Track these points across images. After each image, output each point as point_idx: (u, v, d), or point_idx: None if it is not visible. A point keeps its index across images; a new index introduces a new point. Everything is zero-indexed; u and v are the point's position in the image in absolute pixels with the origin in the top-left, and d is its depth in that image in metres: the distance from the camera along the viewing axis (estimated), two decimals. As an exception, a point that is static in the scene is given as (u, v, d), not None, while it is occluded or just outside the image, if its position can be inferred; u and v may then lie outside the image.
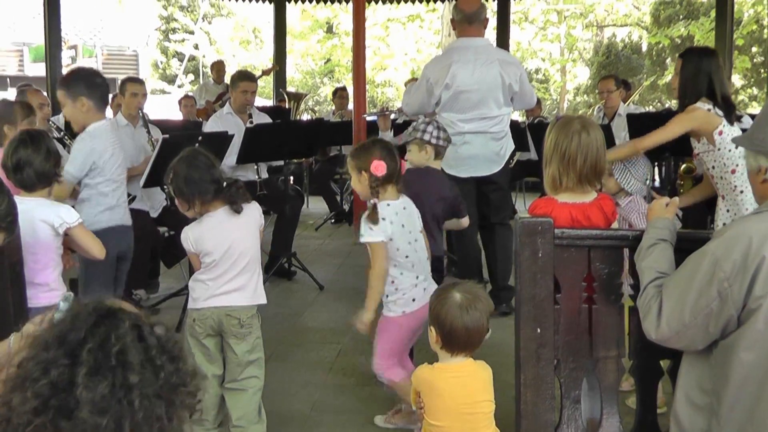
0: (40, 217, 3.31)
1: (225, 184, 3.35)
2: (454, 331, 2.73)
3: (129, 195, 5.50)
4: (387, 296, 3.59)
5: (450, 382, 2.77)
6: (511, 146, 5.77)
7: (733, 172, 4.12)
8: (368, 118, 7.78)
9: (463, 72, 5.38)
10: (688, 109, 4.22)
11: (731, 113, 4.20)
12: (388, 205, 3.52)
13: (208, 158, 3.37)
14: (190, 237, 3.35)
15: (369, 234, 3.47)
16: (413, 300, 3.56)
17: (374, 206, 3.45)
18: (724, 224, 4.15)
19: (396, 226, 3.51)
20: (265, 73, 11.48)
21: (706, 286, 2.22)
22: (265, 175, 6.95)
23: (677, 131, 4.26)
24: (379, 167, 3.46)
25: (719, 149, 4.15)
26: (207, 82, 12.31)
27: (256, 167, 6.65)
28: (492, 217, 5.64)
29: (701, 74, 4.23)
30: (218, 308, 3.34)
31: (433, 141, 4.11)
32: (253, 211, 3.46)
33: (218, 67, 12.03)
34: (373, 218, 3.43)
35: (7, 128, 4.43)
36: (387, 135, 7.24)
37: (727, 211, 4.24)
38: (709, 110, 4.17)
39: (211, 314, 3.33)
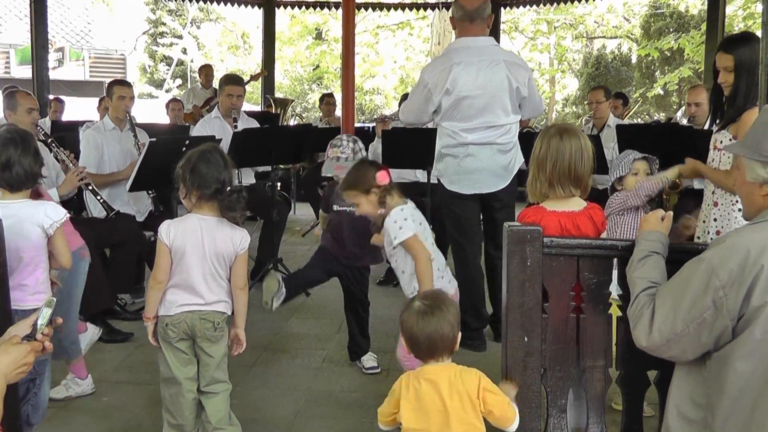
0: (29, 219, 3.28)
1: (229, 189, 3.32)
2: (414, 338, 2.66)
3: (111, 209, 5.50)
4: (412, 292, 3.71)
5: (421, 387, 2.63)
6: (520, 159, 5.11)
7: None
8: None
9: (465, 75, 4.82)
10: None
11: None
12: (402, 209, 3.71)
13: (225, 160, 3.37)
14: (170, 229, 3.31)
15: (401, 233, 3.66)
16: None
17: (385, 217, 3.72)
18: (716, 233, 4.05)
19: (416, 223, 3.72)
20: (253, 78, 11.45)
21: (700, 295, 2.18)
22: (251, 180, 6.93)
23: None
24: (383, 176, 3.67)
25: None
26: (195, 86, 12.29)
27: (238, 172, 6.62)
28: (498, 238, 4.81)
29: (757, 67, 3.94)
30: (192, 312, 3.32)
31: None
32: (236, 235, 3.38)
33: (206, 71, 11.99)
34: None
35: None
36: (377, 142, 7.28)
37: (714, 220, 4.10)
38: None
39: (185, 318, 3.31)
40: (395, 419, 2.70)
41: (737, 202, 3.90)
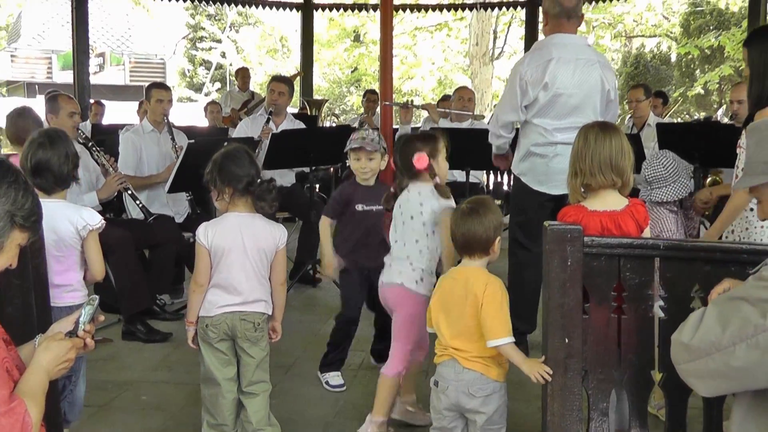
0: (64, 218, 3.30)
1: (259, 181, 3.35)
2: (453, 234, 3.10)
3: (150, 213, 5.55)
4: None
5: (446, 283, 3.11)
6: None
7: None
8: (391, 105, 7.74)
9: (563, 72, 4.69)
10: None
11: None
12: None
13: (250, 157, 3.40)
14: (207, 231, 3.34)
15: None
16: None
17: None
18: (731, 231, 3.81)
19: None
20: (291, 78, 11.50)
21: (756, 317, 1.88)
22: (291, 181, 6.96)
23: None
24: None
25: None
26: (232, 89, 12.36)
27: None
28: None
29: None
30: (233, 313, 3.33)
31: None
32: (276, 230, 3.43)
33: (243, 74, 12.04)
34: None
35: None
36: (406, 128, 7.20)
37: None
38: None
39: (225, 319, 3.33)
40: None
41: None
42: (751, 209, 3.67)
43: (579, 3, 4.86)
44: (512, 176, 5.19)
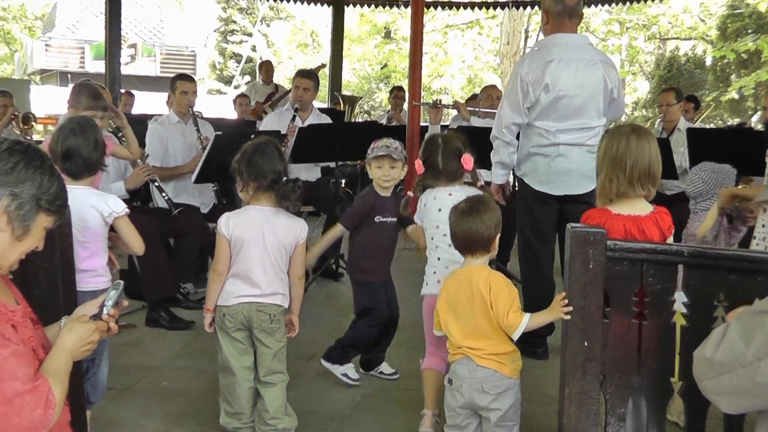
0: (90, 203, 3.34)
1: (285, 179, 3.38)
2: (453, 233, 3.12)
3: (176, 206, 5.59)
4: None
5: (451, 284, 3.12)
6: None
7: None
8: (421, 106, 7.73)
9: (565, 73, 4.63)
10: None
11: None
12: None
13: (279, 152, 3.45)
14: (229, 221, 3.39)
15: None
16: None
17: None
18: (762, 238, 3.88)
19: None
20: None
21: None
22: (317, 176, 6.98)
23: None
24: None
25: None
26: (256, 83, 12.36)
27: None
28: None
29: None
30: (250, 303, 3.37)
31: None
32: (296, 225, 3.46)
33: (266, 67, 12.05)
34: None
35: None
36: (435, 128, 7.18)
37: (763, 226, 3.94)
38: None
39: (242, 309, 3.37)
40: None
41: None
42: None
43: (580, 2, 4.80)
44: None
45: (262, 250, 3.36)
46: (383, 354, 4.57)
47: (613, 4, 12.87)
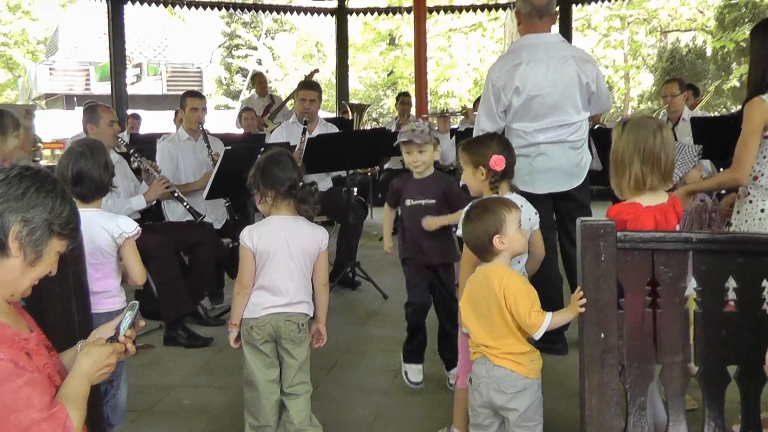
0: (100, 226, 3.36)
1: (301, 184, 3.40)
2: (466, 240, 3.15)
3: (198, 214, 5.62)
4: None
5: (473, 284, 3.11)
6: (589, 157, 4.97)
7: (756, 179, 3.73)
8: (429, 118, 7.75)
9: (535, 73, 4.68)
10: (749, 104, 3.68)
11: None
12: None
13: (293, 161, 3.46)
14: (252, 234, 3.39)
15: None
16: None
17: None
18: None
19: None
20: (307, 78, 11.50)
21: None
22: (329, 185, 7.01)
23: (755, 139, 3.66)
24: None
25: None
26: (251, 96, 12.37)
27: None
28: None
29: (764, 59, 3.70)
30: (278, 314, 3.37)
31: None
32: (318, 232, 3.49)
33: (259, 79, 12.03)
34: None
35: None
36: (445, 136, 7.18)
37: (737, 212, 3.86)
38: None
39: (270, 320, 3.37)
40: None
41: (748, 194, 3.76)
42: (762, 210, 3.70)
43: (552, 1, 4.82)
44: None
45: (288, 258, 3.37)
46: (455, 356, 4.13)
47: (613, 0, 12.87)
